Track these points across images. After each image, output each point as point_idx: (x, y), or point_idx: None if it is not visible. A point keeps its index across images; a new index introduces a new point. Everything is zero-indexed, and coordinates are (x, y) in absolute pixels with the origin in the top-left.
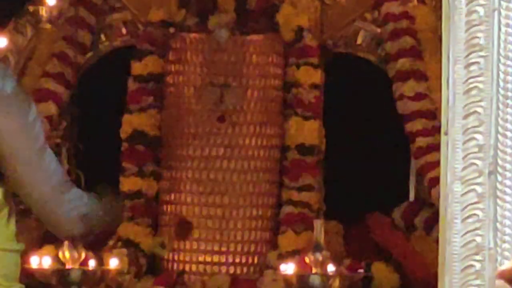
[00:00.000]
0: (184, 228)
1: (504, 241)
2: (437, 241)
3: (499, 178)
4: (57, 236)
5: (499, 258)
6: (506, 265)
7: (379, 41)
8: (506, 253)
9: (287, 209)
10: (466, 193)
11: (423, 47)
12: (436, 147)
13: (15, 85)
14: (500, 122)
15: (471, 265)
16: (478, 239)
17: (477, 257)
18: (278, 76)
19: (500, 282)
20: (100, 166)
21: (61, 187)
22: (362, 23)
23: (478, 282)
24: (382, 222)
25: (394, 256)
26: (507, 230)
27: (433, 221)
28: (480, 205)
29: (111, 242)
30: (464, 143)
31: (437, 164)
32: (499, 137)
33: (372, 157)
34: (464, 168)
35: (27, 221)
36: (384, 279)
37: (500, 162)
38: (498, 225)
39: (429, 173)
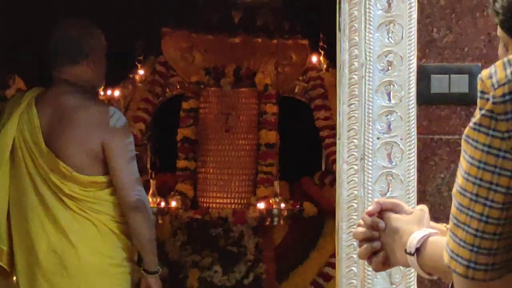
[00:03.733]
0: None
1: (368, 193)
2: (335, 192)
3: (366, 161)
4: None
5: (366, 202)
6: (370, 207)
7: (306, 90)
8: (369, 199)
9: (260, 175)
10: (349, 169)
11: (328, 93)
12: (335, 144)
13: (124, 123)
14: (366, 134)
15: (352, 205)
16: (356, 192)
17: (355, 201)
18: (256, 109)
19: (365, 216)
20: (167, 155)
21: (136, 181)
22: (297, 81)
23: (356, 213)
24: (309, 182)
25: (315, 199)
26: (370, 188)
27: (334, 182)
28: (356, 175)
29: (172, 193)
30: (348, 144)
31: (335, 152)
32: (365, 141)
33: (304, 149)
34: (348, 157)
35: None
36: (309, 211)
37: (366, 153)
38: (365, 185)
39: (331, 157)
